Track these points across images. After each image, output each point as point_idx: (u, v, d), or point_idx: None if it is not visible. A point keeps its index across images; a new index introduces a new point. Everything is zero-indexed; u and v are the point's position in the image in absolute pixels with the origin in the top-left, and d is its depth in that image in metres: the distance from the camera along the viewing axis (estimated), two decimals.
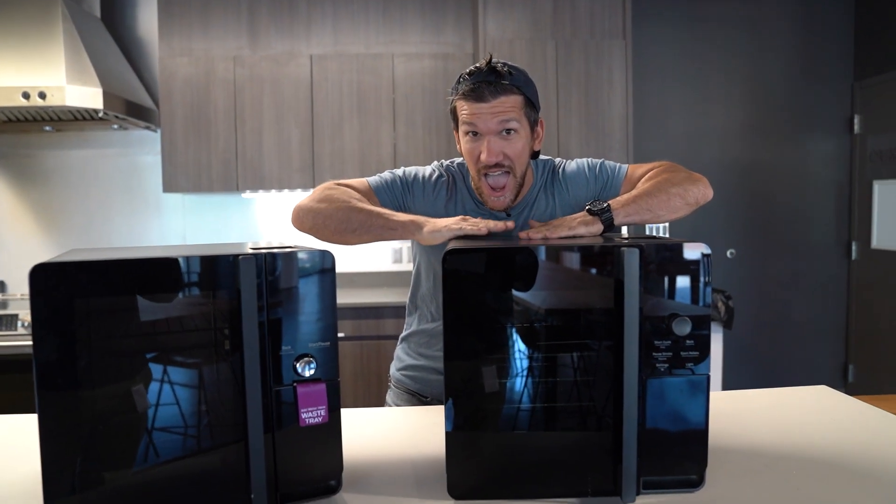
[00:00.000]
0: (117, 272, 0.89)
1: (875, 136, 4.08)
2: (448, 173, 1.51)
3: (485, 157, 1.34)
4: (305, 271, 0.96)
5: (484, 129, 1.34)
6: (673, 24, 4.11)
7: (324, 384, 0.96)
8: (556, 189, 1.49)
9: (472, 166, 1.40)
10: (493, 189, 1.38)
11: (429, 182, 1.48)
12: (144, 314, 0.89)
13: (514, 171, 1.38)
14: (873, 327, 4.13)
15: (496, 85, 1.32)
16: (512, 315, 0.99)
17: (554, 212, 1.48)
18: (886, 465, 1.10)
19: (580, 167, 1.52)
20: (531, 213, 1.47)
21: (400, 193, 1.47)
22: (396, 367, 1.66)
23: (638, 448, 0.95)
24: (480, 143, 1.35)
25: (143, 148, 3.88)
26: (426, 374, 1.56)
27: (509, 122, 1.34)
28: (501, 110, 1.33)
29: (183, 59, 3.57)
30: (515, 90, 1.35)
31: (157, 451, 0.90)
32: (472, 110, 1.34)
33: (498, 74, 1.33)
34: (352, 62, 3.62)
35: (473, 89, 1.33)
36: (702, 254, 0.97)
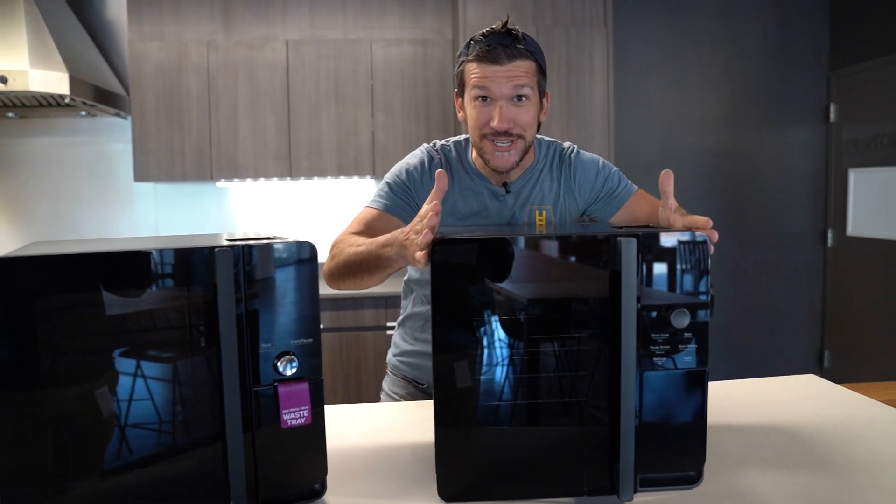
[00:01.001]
0: (81, 267, 0.83)
1: (850, 125, 4.11)
2: (441, 153, 1.44)
3: (496, 123, 1.28)
4: (285, 264, 0.91)
5: (497, 94, 1.28)
6: (653, 12, 4.09)
7: (306, 383, 0.91)
8: (563, 172, 1.45)
9: (475, 132, 1.33)
10: (498, 147, 1.31)
11: (424, 171, 1.42)
12: (111, 312, 0.83)
13: (525, 139, 1.32)
14: (848, 314, 4.17)
15: (512, 48, 1.26)
16: (504, 307, 0.94)
17: (557, 195, 1.44)
18: (881, 455, 1.08)
19: (595, 161, 1.49)
20: (532, 191, 1.43)
21: (410, 197, 1.40)
22: (393, 352, 1.62)
23: (634, 445, 0.92)
24: (491, 109, 1.29)
25: (112, 135, 3.76)
26: (422, 360, 1.52)
27: (523, 88, 1.28)
28: (516, 75, 1.27)
29: (154, 44, 3.46)
30: (530, 55, 1.29)
31: (128, 457, 0.85)
32: (484, 73, 1.27)
33: (514, 37, 1.28)
34: (329, 48, 3.54)
35: (489, 50, 1.26)
36: (701, 243, 0.93)
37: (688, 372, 0.94)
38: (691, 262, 0.94)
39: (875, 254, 3.93)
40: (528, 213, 1.43)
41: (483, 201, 1.41)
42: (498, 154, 1.32)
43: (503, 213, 1.42)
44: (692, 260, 0.94)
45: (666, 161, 4.15)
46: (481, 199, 1.41)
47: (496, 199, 1.42)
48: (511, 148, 1.31)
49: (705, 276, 0.94)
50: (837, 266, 4.26)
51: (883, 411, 1.32)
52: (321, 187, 3.93)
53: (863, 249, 4.03)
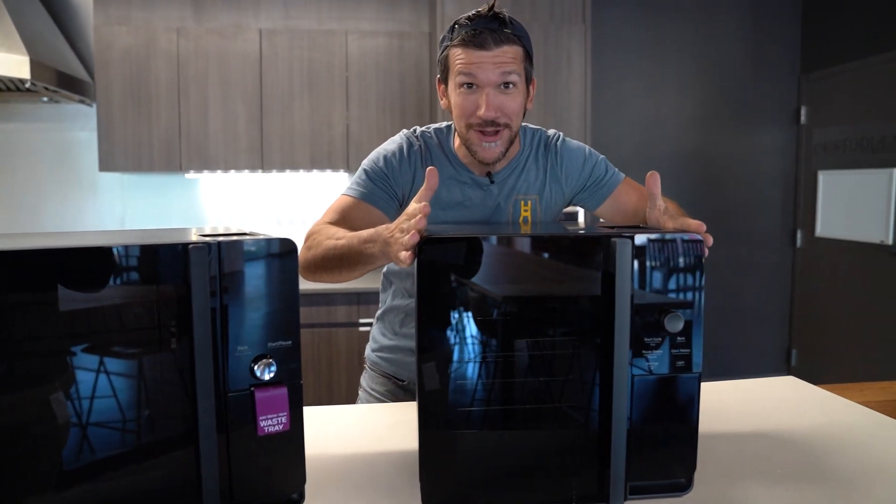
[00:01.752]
0: (37, 263, 0.76)
1: (820, 128, 4.17)
2: (421, 139, 1.38)
3: (483, 111, 1.22)
4: (264, 262, 0.86)
5: (483, 81, 1.22)
6: (630, 12, 4.09)
7: (285, 388, 0.86)
8: (548, 161, 1.41)
9: (461, 121, 1.28)
10: (484, 136, 1.25)
11: (403, 158, 1.35)
12: (71, 313, 0.77)
13: (511, 129, 1.28)
14: (816, 313, 4.25)
15: (499, 33, 1.21)
16: (491, 309, 0.91)
17: (543, 184, 1.40)
18: (867, 459, 1.07)
19: (581, 149, 1.45)
20: (518, 181, 1.39)
21: (388, 185, 1.34)
22: (371, 347, 1.57)
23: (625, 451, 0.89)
24: (477, 97, 1.23)
25: (76, 123, 3.63)
26: (402, 355, 1.48)
27: (511, 75, 1.22)
28: (503, 61, 1.21)
29: (121, 29, 3.34)
30: (518, 40, 1.24)
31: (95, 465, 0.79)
32: (470, 59, 1.21)
33: (501, 21, 1.22)
34: (303, 38, 3.46)
35: (476, 35, 1.20)
36: (696, 245, 0.91)
37: (680, 377, 0.92)
38: (686, 265, 0.91)
39: (842, 255, 4.00)
40: (514, 204, 1.38)
41: (466, 191, 1.36)
42: (485, 145, 1.27)
43: (487, 203, 1.37)
44: (687, 262, 0.91)
45: (641, 160, 4.16)
46: (464, 189, 1.36)
47: (480, 189, 1.37)
48: (497, 138, 1.26)
49: (700, 280, 0.92)
50: (806, 266, 4.33)
51: (864, 414, 1.32)
52: (293, 180, 3.85)
53: (830, 250, 4.10)
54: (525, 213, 1.38)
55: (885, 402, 1.50)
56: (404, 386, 1.50)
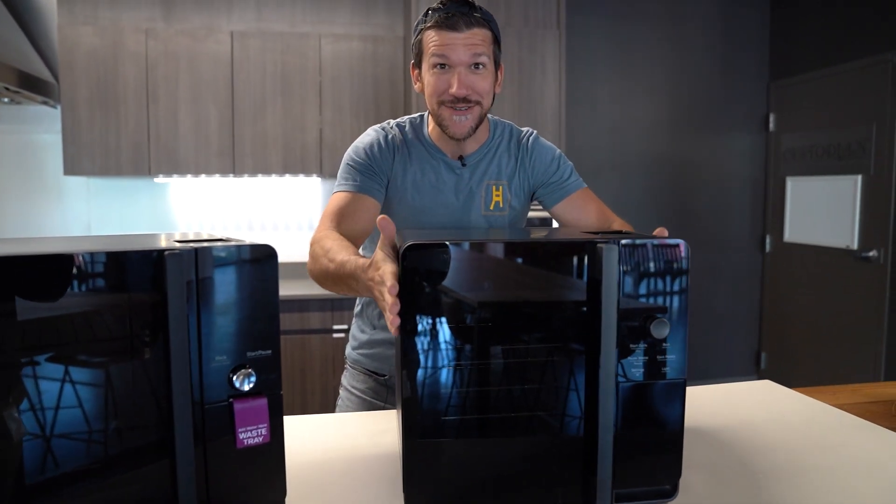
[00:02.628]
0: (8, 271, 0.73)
1: (788, 135, 4.25)
2: (394, 128, 1.44)
3: (455, 89, 1.28)
4: (243, 269, 0.83)
5: (455, 61, 1.28)
6: (604, 17, 4.13)
7: (265, 399, 0.84)
8: (520, 151, 1.48)
9: (433, 99, 1.33)
10: (456, 111, 1.31)
11: (381, 146, 1.41)
12: (40, 321, 0.73)
13: (482, 106, 1.34)
14: (785, 317, 4.32)
15: (470, 16, 1.28)
16: (476, 316, 0.89)
17: (514, 172, 1.46)
18: (845, 459, 1.08)
19: (553, 149, 1.52)
20: (489, 165, 1.44)
21: (374, 173, 1.39)
22: (352, 346, 1.58)
23: None
24: (450, 76, 1.29)
25: (40, 125, 3.53)
26: (382, 349, 1.49)
27: (481, 57, 1.29)
28: (474, 43, 1.28)
29: (87, 29, 3.26)
30: (486, 24, 1.31)
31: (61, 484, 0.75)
32: (443, 40, 1.28)
33: (471, 6, 1.30)
34: (276, 41, 3.42)
35: (448, 17, 1.27)
36: (682, 251, 0.91)
37: (666, 383, 0.91)
38: (671, 270, 0.91)
39: (810, 259, 4.08)
40: (486, 189, 1.43)
41: (440, 175, 1.42)
42: (455, 119, 1.32)
43: (459, 186, 1.43)
44: (671, 268, 0.91)
45: (614, 164, 4.20)
46: (438, 172, 1.42)
47: (453, 173, 1.42)
48: (468, 113, 1.32)
49: (686, 285, 0.91)
50: (775, 271, 4.41)
51: (838, 416, 1.34)
52: (266, 185, 3.79)
53: (799, 255, 4.18)
54: (497, 198, 1.44)
55: (856, 404, 1.53)
56: (385, 382, 1.51)
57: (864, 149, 3.67)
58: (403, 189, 1.41)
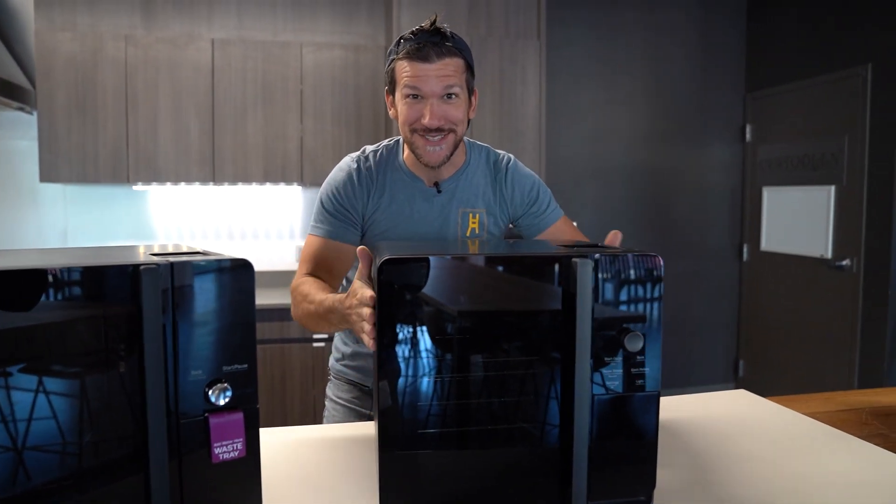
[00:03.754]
0: None
1: (764, 145, 4.32)
2: (368, 160, 1.43)
3: (427, 120, 1.29)
4: (219, 282, 0.83)
5: (427, 92, 1.28)
6: (584, 29, 4.18)
7: (241, 414, 0.83)
8: (498, 181, 1.47)
9: (405, 127, 1.33)
10: (429, 141, 1.31)
11: (354, 184, 1.40)
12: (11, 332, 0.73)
13: (456, 133, 1.34)
14: (762, 325, 4.38)
15: (441, 46, 1.28)
16: (453, 329, 0.90)
17: (491, 199, 1.46)
18: (816, 467, 1.10)
19: (532, 176, 1.52)
20: (466, 192, 1.44)
21: (347, 216, 1.40)
22: (335, 357, 1.59)
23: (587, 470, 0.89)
24: (422, 106, 1.29)
25: (15, 131, 3.49)
26: (365, 361, 1.51)
27: (453, 87, 1.30)
28: (445, 74, 1.28)
29: (65, 35, 3.23)
30: (458, 53, 1.31)
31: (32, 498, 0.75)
32: (415, 71, 1.28)
33: (443, 36, 1.29)
34: (257, 49, 3.41)
35: (419, 49, 1.27)
36: (655, 265, 0.92)
37: (640, 395, 0.93)
38: (645, 283, 0.92)
39: (786, 268, 4.14)
40: (462, 215, 1.43)
41: (415, 203, 1.41)
42: (429, 149, 1.32)
43: (435, 213, 1.42)
44: (645, 281, 0.92)
45: (593, 174, 4.24)
46: (413, 200, 1.41)
47: (428, 201, 1.42)
48: (442, 142, 1.32)
49: (660, 298, 0.93)
50: (752, 279, 4.47)
51: (810, 425, 1.36)
52: (246, 193, 3.77)
53: (775, 264, 4.24)
54: (473, 225, 1.44)
55: (828, 412, 1.55)
56: (369, 391, 1.52)
57: (837, 160, 3.74)
58: (379, 220, 1.40)
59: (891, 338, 3.46)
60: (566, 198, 4.12)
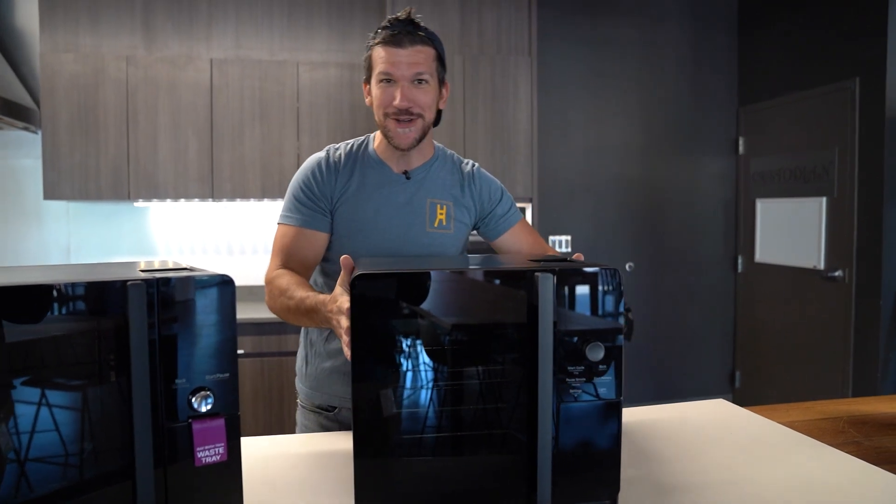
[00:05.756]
0: None
1: (757, 158, 4.37)
2: (336, 151, 1.51)
3: (398, 101, 1.38)
4: (201, 297, 0.88)
5: (399, 76, 1.38)
6: (575, 44, 4.24)
7: (222, 419, 0.89)
8: (465, 179, 1.56)
9: (380, 111, 1.42)
10: (400, 123, 1.40)
11: (323, 171, 1.47)
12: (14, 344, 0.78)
13: (424, 119, 1.43)
14: (757, 336, 4.41)
15: (414, 34, 1.39)
16: (423, 339, 0.95)
17: (458, 195, 1.53)
18: (782, 474, 1.14)
19: (494, 180, 1.61)
20: (433, 183, 1.51)
21: (317, 204, 1.46)
22: (299, 378, 1.62)
23: (552, 474, 0.94)
24: (394, 89, 1.39)
25: (20, 150, 3.57)
26: (330, 380, 1.52)
27: (423, 74, 1.39)
28: (416, 60, 1.38)
29: (68, 56, 3.32)
30: (430, 43, 1.41)
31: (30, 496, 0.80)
32: (389, 57, 1.38)
33: (416, 25, 1.40)
34: (254, 68, 3.49)
35: (394, 35, 1.37)
36: (614, 278, 0.97)
37: (603, 402, 0.97)
38: (606, 295, 0.97)
39: (780, 280, 4.18)
40: (430, 206, 1.50)
41: (384, 187, 1.48)
42: (400, 131, 1.41)
43: (403, 200, 1.48)
44: (606, 292, 0.97)
45: (587, 188, 4.29)
46: (382, 185, 1.48)
47: (395, 185, 1.49)
48: (412, 125, 1.41)
49: (620, 309, 0.98)
50: (747, 291, 4.50)
51: (784, 434, 1.40)
52: (244, 209, 3.84)
53: (769, 275, 4.27)
54: (440, 216, 1.50)
55: (807, 421, 1.58)
56: (335, 416, 1.52)
57: (828, 172, 3.79)
58: (348, 204, 1.46)
59: (883, 346, 3.49)
60: (559, 212, 4.17)
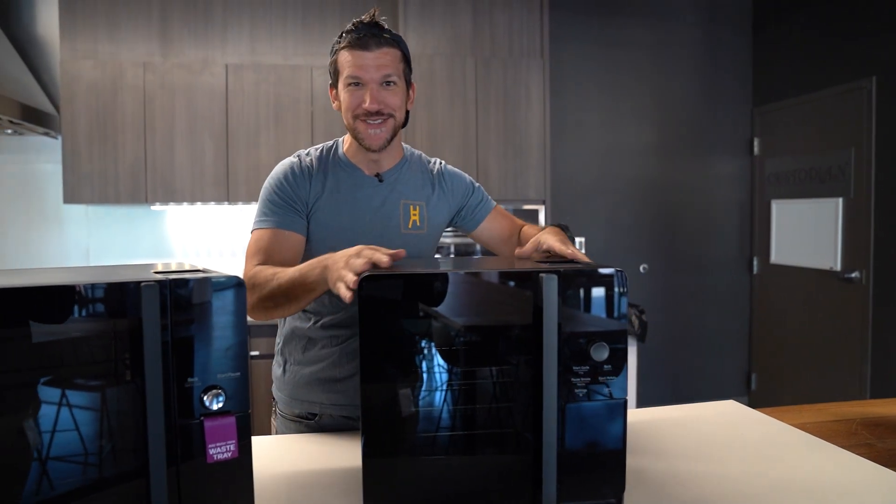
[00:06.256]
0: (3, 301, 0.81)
1: (772, 159, 4.34)
2: (307, 156, 1.49)
3: (367, 104, 1.37)
4: (213, 298, 0.91)
5: (367, 78, 1.37)
6: (588, 45, 4.24)
7: (233, 417, 0.91)
8: (435, 177, 1.57)
9: (348, 114, 1.41)
10: (370, 125, 1.40)
11: (296, 174, 1.45)
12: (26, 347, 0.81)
13: (395, 119, 1.43)
14: (773, 338, 4.37)
15: (380, 37, 1.38)
16: (430, 341, 0.97)
17: (430, 194, 1.54)
18: (789, 476, 1.15)
19: (463, 175, 1.63)
20: (405, 184, 1.52)
21: (292, 205, 1.43)
22: (276, 386, 1.56)
23: (557, 473, 0.95)
24: (363, 92, 1.38)
25: (41, 155, 3.64)
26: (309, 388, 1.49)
27: (390, 76, 1.39)
28: (383, 63, 1.38)
29: (87, 63, 3.38)
30: (396, 44, 1.41)
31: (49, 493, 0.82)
32: (356, 60, 1.37)
33: (381, 28, 1.40)
34: (269, 73, 3.53)
35: (359, 38, 1.37)
36: (619, 279, 0.98)
37: (608, 402, 0.98)
38: (611, 297, 0.98)
39: (796, 281, 4.14)
40: (403, 207, 1.50)
41: (356, 191, 1.48)
42: (371, 132, 1.40)
43: (376, 202, 1.48)
44: (612, 294, 0.98)
45: (601, 190, 4.28)
46: (354, 188, 1.48)
47: (369, 188, 1.48)
48: (382, 126, 1.41)
49: (623, 310, 0.99)
50: (763, 292, 4.47)
51: (794, 435, 1.40)
52: None
53: (785, 277, 4.24)
54: (414, 217, 1.51)
55: (819, 422, 1.58)
56: (316, 424, 1.48)
57: (844, 172, 3.76)
58: (322, 209, 1.44)
59: None
60: (572, 214, 4.17)
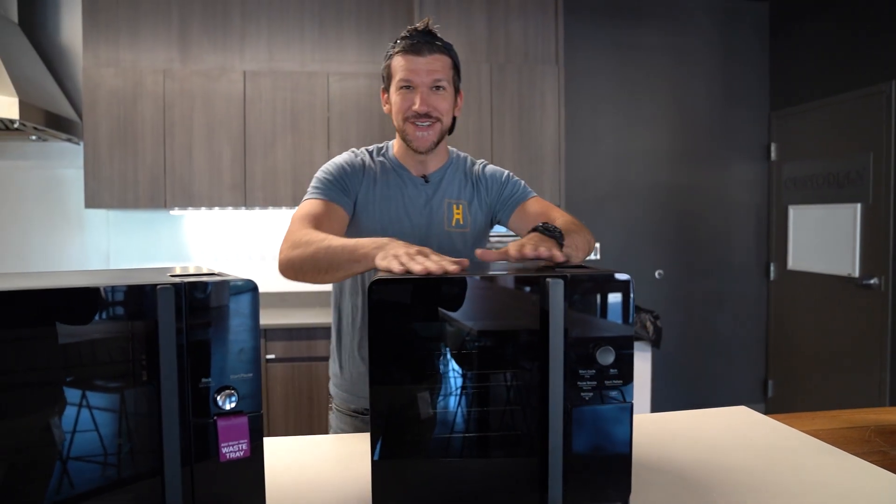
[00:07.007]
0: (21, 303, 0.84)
1: (789, 164, 4.31)
2: (361, 152, 1.59)
3: (417, 106, 1.46)
4: (227, 301, 0.93)
5: (418, 82, 1.46)
6: (603, 51, 4.25)
7: (245, 417, 0.93)
8: (476, 180, 1.64)
9: (399, 116, 1.50)
10: (419, 127, 1.48)
11: (350, 165, 1.55)
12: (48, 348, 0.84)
13: (442, 123, 1.51)
14: (790, 344, 4.33)
15: (432, 44, 1.46)
16: (439, 344, 0.98)
17: (472, 194, 1.61)
18: (804, 486, 1.15)
19: (501, 171, 1.67)
20: (449, 185, 1.59)
21: (345, 186, 1.51)
22: (333, 382, 1.67)
23: (563, 476, 0.96)
24: (414, 95, 1.47)
25: (63, 161, 3.71)
26: (363, 384, 1.56)
27: (440, 81, 1.47)
28: (434, 68, 1.46)
29: (109, 70, 3.45)
30: (447, 52, 1.50)
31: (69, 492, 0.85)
32: (408, 65, 1.45)
33: (433, 35, 1.48)
34: (286, 79, 3.58)
35: (413, 44, 1.45)
36: (625, 284, 0.99)
37: (614, 405, 0.99)
38: (617, 302, 0.99)
39: (814, 287, 4.10)
40: (447, 206, 1.57)
41: (405, 190, 1.56)
42: (419, 134, 1.49)
43: (422, 201, 1.56)
44: (617, 299, 0.99)
45: (616, 195, 4.28)
46: (403, 188, 1.56)
47: (416, 188, 1.57)
48: (430, 129, 1.49)
49: (630, 314, 1.00)
50: (780, 298, 4.43)
51: (805, 442, 1.39)
52: (276, 217, 3.93)
53: (803, 283, 4.20)
54: (457, 216, 1.58)
55: (832, 429, 1.57)
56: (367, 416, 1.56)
57: (863, 178, 3.72)
58: (371, 204, 1.53)
59: None
60: (588, 219, 4.17)
